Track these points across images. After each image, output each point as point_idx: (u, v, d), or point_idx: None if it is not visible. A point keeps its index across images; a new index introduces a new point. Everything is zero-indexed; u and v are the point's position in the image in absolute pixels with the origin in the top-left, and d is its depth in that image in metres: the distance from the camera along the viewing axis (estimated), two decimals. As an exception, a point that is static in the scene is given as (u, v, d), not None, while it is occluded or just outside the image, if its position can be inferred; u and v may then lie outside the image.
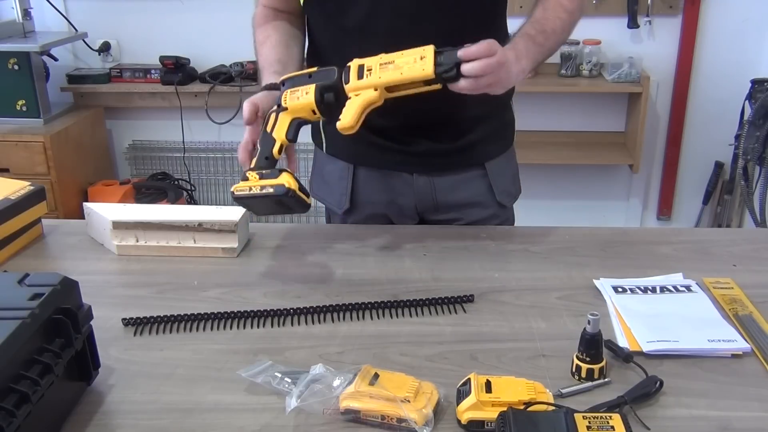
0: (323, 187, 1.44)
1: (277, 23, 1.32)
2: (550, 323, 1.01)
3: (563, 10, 1.21)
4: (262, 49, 1.29)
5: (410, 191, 1.37)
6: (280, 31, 1.31)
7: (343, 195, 1.39)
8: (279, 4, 1.34)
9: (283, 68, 1.23)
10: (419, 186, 1.36)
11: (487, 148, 1.36)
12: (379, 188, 1.38)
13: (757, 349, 0.93)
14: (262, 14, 1.34)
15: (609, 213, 3.26)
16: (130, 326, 1.01)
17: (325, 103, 1.09)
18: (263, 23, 1.33)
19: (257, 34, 1.33)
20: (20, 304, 0.76)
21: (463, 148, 1.34)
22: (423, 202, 1.37)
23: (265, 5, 1.34)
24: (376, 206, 1.39)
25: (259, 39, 1.31)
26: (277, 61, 1.25)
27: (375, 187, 1.38)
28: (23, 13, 2.92)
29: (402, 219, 1.40)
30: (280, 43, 1.28)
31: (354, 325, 1.01)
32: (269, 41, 1.29)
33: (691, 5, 2.88)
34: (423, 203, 1.37)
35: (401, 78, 1.04)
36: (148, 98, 3.12)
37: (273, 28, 1.31)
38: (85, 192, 3.01)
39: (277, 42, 1.28)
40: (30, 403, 0.70)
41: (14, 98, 2.83)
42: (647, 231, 1.56)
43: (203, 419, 0.82)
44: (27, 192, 1.26)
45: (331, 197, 1.42)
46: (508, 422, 0.73)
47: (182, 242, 1.22)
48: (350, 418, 0.81)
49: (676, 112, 3.06)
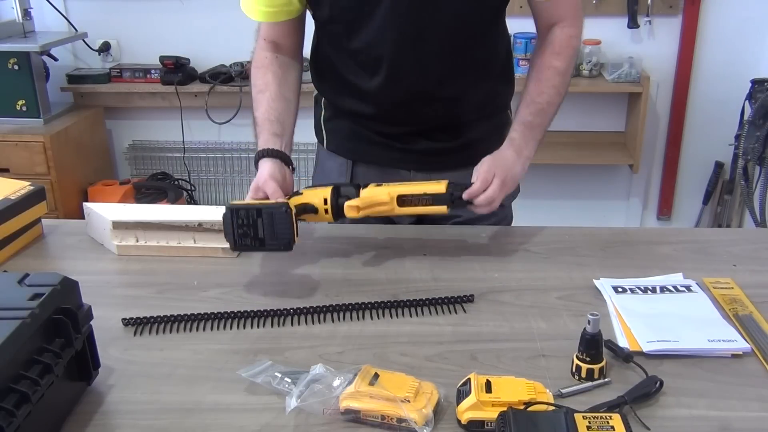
0: (324, 183, 1.44)
1: (276, 70, 1.27)
2: (550, 323, 1.01)
3: (555, 74, 1.23)
4: (261, 100, 1.24)
5: None
6: (279, 80, 1.26)
7: None
8: (280, 38, 1.30)
9: (281, 128, 1.21)
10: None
11: (485, 147, 1.36)
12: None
13: (757, 349, 0.93)
14: (262, 51, 1.29)
15: (609, 213, 3.26)
16: (130, 326, 1.01)
17: (339, 197, 1.16)
18: (263, 65, 1.28)
19: (256, 77, 1.27)
20: (20, 304, 0.76)
21: (462, 147, 1.35)
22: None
23: (266, 38, 1.30)
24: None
25: (257, 85, 1.26)
26: (277, 120, 1.22)
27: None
28: (23, 13, 2.92)
29: (400, 217, 1.40)
30: (279, 97, 1.25)
31: (354, 325, 1.01)
32: (269, 92, 1.24)
33: (691, 5, 2.88)
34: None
35: (414, 189, 1.14)
36: (148, 98, 3.12)
37: (273, 76, 1.26)
38: (85, 192, 3.01)
39: (276, 95, 1.24)
40: (30, 403, 0.70)
41: (14, 98, 2.83)
42: (647, 231, 1.56)
43: (203, 419, 0.82)
44: (27, 192, 1.26)
45: None
46: (508, 422, 0.73)
47: (182, 242, 1.22)
48: (350, 418, 0.81)
49: (676, 112, 3.06)
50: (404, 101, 1.28)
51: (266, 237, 1.05)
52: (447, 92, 1.28)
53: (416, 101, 1.28)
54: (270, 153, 1.17)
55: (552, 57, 1.23)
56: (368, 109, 1.32)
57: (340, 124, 1.39)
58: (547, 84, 1.22)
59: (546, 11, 1.24)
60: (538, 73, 1.23)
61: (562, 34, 1.24)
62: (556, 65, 1.23)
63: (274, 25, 1.28)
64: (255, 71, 1.28)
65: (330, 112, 1.40)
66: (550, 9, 1.24)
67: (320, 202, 1.14)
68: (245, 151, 3.25)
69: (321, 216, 1.15)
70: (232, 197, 3.33)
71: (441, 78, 1.26)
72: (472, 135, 1.34)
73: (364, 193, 1.15)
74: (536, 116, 1.22)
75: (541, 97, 1.22)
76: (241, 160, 3.27)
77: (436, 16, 1.18)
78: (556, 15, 1.24)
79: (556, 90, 1.23)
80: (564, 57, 1.23)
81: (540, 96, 1.22)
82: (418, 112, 1.30)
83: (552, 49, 1.23)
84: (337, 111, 1.39)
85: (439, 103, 1.29)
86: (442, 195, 1.14)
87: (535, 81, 1.23)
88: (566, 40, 1.24)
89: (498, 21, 1.29)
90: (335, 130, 1.41)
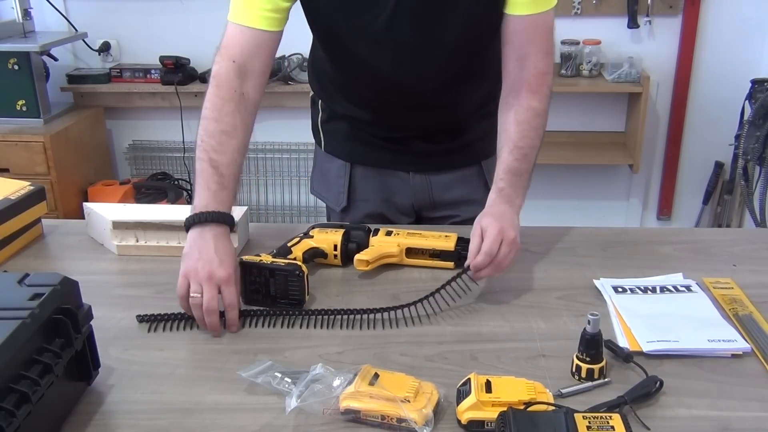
0: (323, 184, 1.44)
1: (244, 115, 1.13)
2: (550, 323, 1.01)
3: (535, 115, 1.15)
4: (225, 145, 1.09)
5: (407, 189, 1.37)
6: (245, 131, 1.13)
7: (340, 193, 1.39)
8: (252, 61, 1.15)
9: (236, 187, 1.11)
10: (415, 184, 1.37)
11: (483, 147, 1.36)
12: (375, 187, 1.38)
13: (757, 349, 0.93)
14: (228, 79, 1.13)
15: (609, 213, 3.26)
16: (144, 323, 1.02)
17: (350, 242, 1.17)
18: (232, 98, 1.12)
19: (223, 111, 1.11)
20: (20, 304, 0.76)
21: (460, 148, 1.35)
22: (419, 200, 1.38)
23: (236, 61, 1.14)
24: (373, 204, 1.40)
25: (224, 123, 1.10)
26: (237, 177, 1.11)
27: (371, 185, 1.38)
28: (23, 13, 2.92)
29: (399, 217, 1.41)
30: (242, 150, 1.12)
31: (354, 325, 1.01)
32: (236, 139, 1.11)
33: (691, 5, 2.88)
34: (419, 201, 1.38)
35: (424, 243, 1.16)
36: (148, 98, 3.12)
37: (242, 123, 1.12)
38: (85, 192, 3.01)
39: (241, 146, 1.12)
40: (30, 403, 0.70)
41: (14, 98, 2.83)
42: (647, 231, 1.56)
43: (203, 419, 0.82)
44: (27, 192, 1.26)
45: (329, 194, 1.43)
46: (508, 422, 0.73)
47: (182, 242, 1.21)
48: (350, 418, 0.81)
49: (676, 112, 3.06)
50: (402, 108, 1.28)
51: (278, 296, 1.05)
52: (445, 99, 1.28)
53: (414, 108, 1.28)
54: (228, 220, 1.07)
55: (529, 97, 1.15)
56: (365, 114, 1.32)
57: (337, 126, 1.39)
58: (527, 126, 1.15)
59: (518, 41, 1.15)
60: (517, 115, 1.15)
61: (536, 71, 1.16)
62: (534, 106, 1.15)
63: (253, 41, 1.14)
64: (221, 103, 1.12)
65: (327, 114, 1.40)
66: (522, 40, 1.15)
67: (330, 248, 1.16)
68: (245, 151, 3.25)
69: (330, 260, 1.17)
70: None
71: (440, 87, 1.25)
72: (469, 135, 1.34)
73: (374, 242, 1.16)
74: (521, 162, 1.13)
75: (523, 141, 1.14)
76: (241, 160, 3.27)
77: (436, 34, 1.16)
78: (528, 48, 1.15)
79: (537, 133, 1.16)
80: (540, 97, 1.16)
81: (522, 140, 1.14)
82: (416, 117, 1.30)
83: (528, 87, 1.16)
84: (334, 113, 1.39)
85: (437, 109, 1.29)
86: (450, 252, 1.16)
87: (515, 123, 1.15)
88: (540, 78, 1.16)
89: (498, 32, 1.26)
90: (333, 132, 1.41)
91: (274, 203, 3.32)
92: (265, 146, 3.19)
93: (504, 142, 1.15)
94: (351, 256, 1.14)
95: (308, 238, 1.17)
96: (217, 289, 0.99)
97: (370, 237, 1.17)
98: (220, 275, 0.99)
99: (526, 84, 1.16)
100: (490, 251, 1.03)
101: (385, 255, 1.15)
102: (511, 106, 1.17)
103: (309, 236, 1.17)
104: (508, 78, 1.18)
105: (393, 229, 1.19)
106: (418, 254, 1.17)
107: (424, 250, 1.17)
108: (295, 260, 1.08)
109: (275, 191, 3.29)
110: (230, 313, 0.99)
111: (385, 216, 1.41)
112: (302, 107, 1.29)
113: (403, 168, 1.36)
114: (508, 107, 1.17)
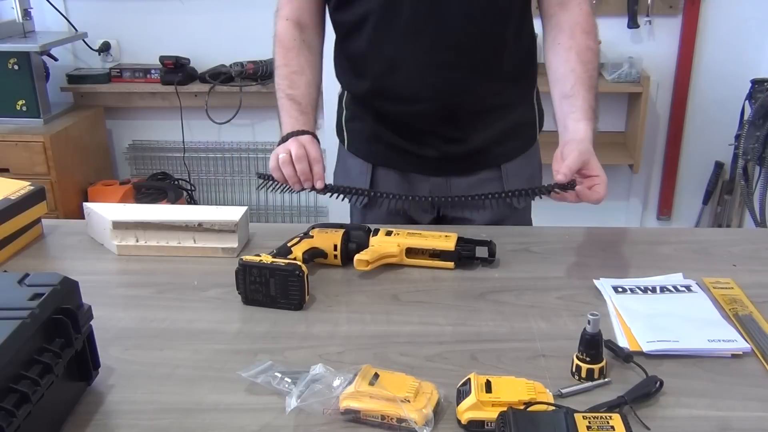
0: (346, 181, 1.44)
1: (308, 55, 1.29)
2: (550, 323, 1.01)
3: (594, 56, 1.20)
4: (298, 81, 1.26)
5: (426, 188, 1.38)
6: (313, 67, 1.29)
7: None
8: (305, 17, 1.30)
9: (315, 116, 1.25)
10: (435, 184, 1.37)
11: (503, 151, 1.35)
12: (396, 186, 1.38)
13: (757, 349, 0.93)
14: (288, 32, 1.29)
15: (609, 213, 3.26)
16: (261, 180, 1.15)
17: (350, 242, 1.17)
18: (293, 46, 1.28)
19: (288, 57, 1.28)
20: (20, 304, 0.76)
21: (478, 152, 1.34)
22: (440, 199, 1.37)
23: (289, 18, 1.29)
24: (393, 202, 1.39)
25: (292, 65, 1.27)
26: (315, 106, 1.26)
27: (393, 184, 1.38)
28: (23, 13, 2.92)
29: (419, 214, 1.40)
30: (314, 83, 1.28)
31: (354, 325, 1.01)
32: (305, 76, 1.27)
33: (691, 5, 2.88)
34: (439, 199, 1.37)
35: (424, 243, 1.16)
36: (148, 98, 3.12)
37: (306, 60, 1.28)
38: (85, 192, 3.01)
39: (312, 81, 1.28)
40: (30, 403, 0.70)
41: (14, 98, 2.83)
42: (647, 231, 1.56)
43: (203, 419, 0.82)
44: (27, 192, 1.26)
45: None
46: (508, 422, 0.73)
47: (182, 242, 1.22)
48: (350, 418, 0.81)
49: (676, 112, 3.06)
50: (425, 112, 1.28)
51: (278, 296, 1.05)
52: (469, 105, 1.28)
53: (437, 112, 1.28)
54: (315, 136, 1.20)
55: (585, 37, 1.20)
56: (389, 106, 1.31)
57: (360, 126, 1.39)
58: (591, 66, 1.19)
59: None
60: (580, 55, 1.19)
61: (582, 11, 1.21)
62: (591, 46, 1.20)
63: (300, 3, 1.29)
64: (285, 51, 1.28)
65: (351, 113, 1.40)
66: None
67: (330, 248, 1.16)
68: (245, 151, 3.25)
69: (330, 260, 1.17)
70: (232, 197, 3.34)
71: (463, 93, 1.26)
72: (488, 140, 1.33)
73: (374, 242, 1.16)
74: (595, 100, 1.18)
75: (592, 80, 1.19)
76: (241, 160, 3.27)
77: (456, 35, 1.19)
78: None
79: (597, 73, 1.21)
80: (594, 37, 1.21)
81: (591, 80, 1.19)
82: (438, 121, 1.30)
83: (581, 28, 1.20)
84: (358, 113, 1.38)
85: (460, 113, 1.29)
86: (450, 252, 1.16)
87: (581, 63, 1.19)
88: (589, 18, 1.21)
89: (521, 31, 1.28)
90: (355, 132, 1.41)
91: (274, 203, 3.32)
92: (265, 146, 3.20)
93: (576, 82, 1.18)
94: (351, 256, 1.14)
95: (308, 238, 1.17)
96: (303, 147, 1.14)
97: (370, 237, 1.17)
98: (304, 138, 1.17)
99: (579, 25, 1.20)
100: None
101: (385, 255, 1.15)
102: (569, 47, 1.20)
103: (309, 236, 1.17)
104: (553, 19, 1.23)
105: (393, 229, 1.19)
106: (418, 254, 1.17)
107: (424, 250, 1.17)
108: (295, 260, 1.08)
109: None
110: (316, 167, 1.14)
111: (406, 213, 1.40)
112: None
113: (423, 172, 1.36)
114: (566, 48, 1.20)
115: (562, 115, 1.19)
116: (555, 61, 1.22)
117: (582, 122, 1.15)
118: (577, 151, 1.09)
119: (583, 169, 1.09)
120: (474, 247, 1.17)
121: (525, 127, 1.40)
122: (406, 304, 1.06)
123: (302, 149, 1.14)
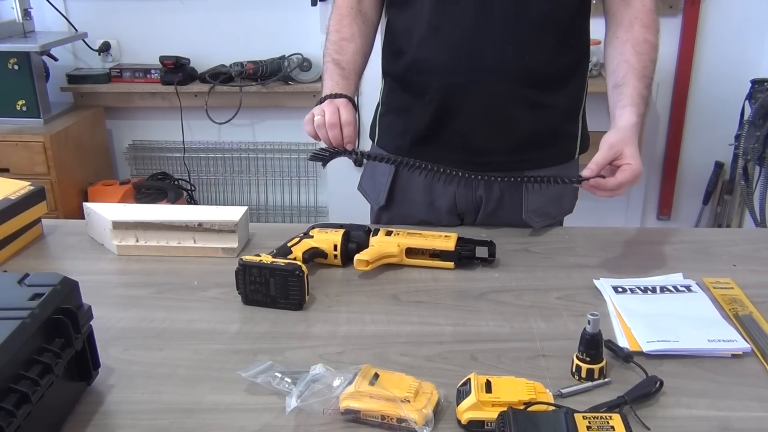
0: (369, 181, 1.45)
1: (361, 25, 1.32)
2: (550, 323, 1.01)
3: (652, 48, 1.22)
4: (347, 48, 1.29)
5: (450, 193, 1.35)
6: (364, 36, 1.32)
7: (381, 191, 1.39)
8: None
9: (357, 83, 1.29)
10: (460, 190, 1.34)
11: (530, 157, 1.32)
12: (419, 189, 1.36)
13: (757, 349, 0.93)
14: (347, 1, 1.33)
15: (609, 213, 3.25)
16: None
17: (349, 242, 1.18)
18: (348, 14, 1.32)
19: (342, 24, 1.31)
20: (20, 304, 0.76)
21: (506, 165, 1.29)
22: (463, 204, 1.36)
23: None
24: (414, 207, 1.38)
25: (343, 32, 1.30)
26: (356, 74, 1.29)
27: (415, 187, 1.36)
28: (23, 13, 2.92)
29: (441, 220, 1.38)
30: (361, 52, 1.31)
31: (354, 325, 1.01)
32: (354, 44, 1.30)
33: (691, 5, 2.88)
34: (463, 205, 1.36)
35: (424, 243, 1.17)
36: (148, 98, 3.12)
37: (358, 30, 1.31)
38: (85, 192, 3.01)
39: (360, 50, 1.30)
40: (30, 403, 0.70)
41: (14, 98, 2.83)
42: (647, 231, 1.56)
43: (203, 419, 0.82)
44: (27, 192, 1.26)
45: (372, 191, 1.43)
46: (508, 422, 0.73)
47: (182, 242, 1.22)
48: (350, 418, 0.81)
49: (676, 112, 3.06)
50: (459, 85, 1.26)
51: (278, 296, 1.05)
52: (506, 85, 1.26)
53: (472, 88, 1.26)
54: (351, 100, 1.21)
55: (643, 30, 1.22)
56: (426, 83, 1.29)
57: (392, 120, 1.38)
58: (647, 58, 1.21)
59: None
60: (636, 46, 1.21)
61: (644, 7, 1.23)
62: (649, 39, 1.22)
63: None
64: (340, 18, 1.32)
65: (385, 107, 1.40)
66: None
67: (330, 248, 1.16)
68: (245, 151, 3.25)
69: (330, 260, 1.17)
70: (232, 197, 3.33)
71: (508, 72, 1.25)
72: (521, 137, 1.31)
73: (374, 242, 1.16)
74: (649, 90, 1.20)
75: (647, 71, 1.21)
76: (241, 160, 3.27)
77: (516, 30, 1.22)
78: None
79: (654, 66, 1.22)
80: (653, 31, 1.23)
81: (646, 70, 1.20)
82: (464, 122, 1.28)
83: (641, 22, 1.22)
84: (393, 103, 1.38)
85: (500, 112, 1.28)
86: (450, 252, 1.16)
87: (636, 54, 1.21)
88: (651, 14, 1.23)
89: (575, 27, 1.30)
90: (387, 127, 1.40)
91: (274, 203, 3.32)
92: (265, 146, 3.20)
93: (628, 71, 1.20)
94: (351, 256, 1.14)
95: (308, 238, 1.17)
96: (337, 110, 1.16)
97: (370, 237, 1.17)
98: (339, 101, 1.19)
99: (638, 19, 1.22)
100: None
101: (385, 255, 1.15)
102: (626, 40, 1.22)
103: (309, 236, 1.17)
104: (615, 16, 1.26)
105: (393, 229, 1.19)
106: (418, 254, 1.17)
107: (424, 250, 1.17)
108: (295, 260, 1.08)
109: (275, 191, 3.29)
110: (346, 129, 1.16)
111: (425, 219, 1.38)
112: (302, 107, 1.30)
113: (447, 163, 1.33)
114: (623, 41, 1.23)
115: (612, 104, 1.22)
116: (611, 53, 1.26)
117: (627, 108, 1.17)
118: (608, 144, 1.11)
119: (617, 159, 1.10)
120: (474, 247, 1.17)
121: (562, 141, 1.36)
122: (406, 304, 1.06)
123: (336, 113, 1.16)
